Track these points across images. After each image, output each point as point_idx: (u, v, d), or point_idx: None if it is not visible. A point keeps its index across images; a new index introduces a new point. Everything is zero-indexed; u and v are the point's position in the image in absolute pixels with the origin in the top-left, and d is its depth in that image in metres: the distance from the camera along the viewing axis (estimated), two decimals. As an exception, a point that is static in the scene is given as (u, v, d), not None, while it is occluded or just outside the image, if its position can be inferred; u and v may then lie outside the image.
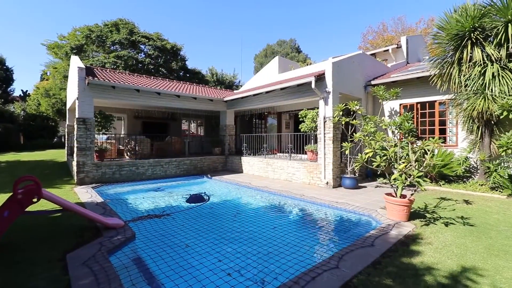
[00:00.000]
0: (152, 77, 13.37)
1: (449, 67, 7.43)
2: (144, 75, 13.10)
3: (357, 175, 8.38)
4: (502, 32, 6.49)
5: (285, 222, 5.19)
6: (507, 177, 6.40)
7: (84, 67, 8.79)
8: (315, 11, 61.31)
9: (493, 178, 6.55)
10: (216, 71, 32.82)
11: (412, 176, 4.28)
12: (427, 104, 8.86)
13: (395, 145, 4.84)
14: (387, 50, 13.76)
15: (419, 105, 9.04)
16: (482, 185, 6.93)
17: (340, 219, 5.34)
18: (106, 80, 8.99)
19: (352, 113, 8.35)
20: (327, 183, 7.89)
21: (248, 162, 11.11)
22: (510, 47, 6.52)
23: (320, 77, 8.18)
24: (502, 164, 6.75)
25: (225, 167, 12.30)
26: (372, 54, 14.33)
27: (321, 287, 2.67)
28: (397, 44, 13.44)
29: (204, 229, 4.68)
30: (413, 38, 13.99)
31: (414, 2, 45.16)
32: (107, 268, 3.09)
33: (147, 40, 23.98)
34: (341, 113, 7.65)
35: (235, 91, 14.92)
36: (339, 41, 60.61)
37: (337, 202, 6.01)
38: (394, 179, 4.52)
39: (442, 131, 8.62)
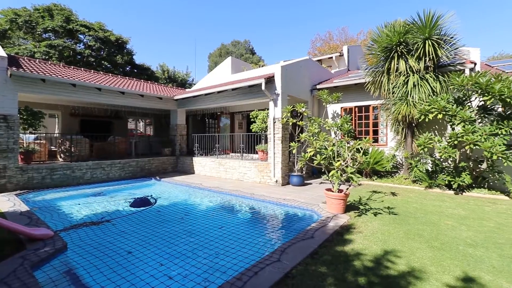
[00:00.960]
0: (92, 71, 12.18)
1: (380, 75, 8.41)
2: (82, 68, 11.85)
3: (304, 173, 8.91)
4: (421, 48, 7.58)
5: (234, 221, 5.26)
6: (424, 171, 7.53)
7: (6, 56, 7.59)
8: (270, 14, 63.05)
9: (414, 172, 7.63)
10: (167, 68, 31.40)
11: (346, 173, 4.75)
12: (363, 108, 9.88)
13: (334, 145, 5.31)
14: (331, 57, 14.93)
15: (356, 109, 10.03)
16: (406, 179, 8.03)
17: (286, 215, 5.63)
18: (34, 71, 7.91)
19: (299, 114, 8.83)
20: (276, 181, 8.22)
21: (200, 163, 10.91)
22: (427, 60, 7.66)
23: (270, 80, 8.48)
24: (421, 160, 7.90)
25: (176, 168, 11.87)
26: (318, 60, 15.36)
27: (262, 281, 2.79)
28: (340, 53, 14.68)
29: (148, 234, 4.47)
30: (353, 48, 15.43)
31: (355, 15, 49.80)
32: (31, 284, 2.76)
33: (87, 30, 21.72)
34: (289, 114, 8.04)
35: (187, 90, 14.49)
36: (292, 45, 63.41)
37: (284, 199, 6.31)
38: (331, 175, 4.95)
39: (376, 132, 9.72)
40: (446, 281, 2.89)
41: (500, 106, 6.59)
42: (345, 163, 5.02)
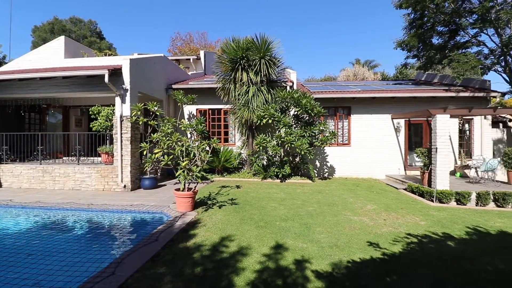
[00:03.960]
0: None
1: (229, 83, 9.47)
2: None
3: (158, 174, 8.58)
4: (258, 64, 9.13)
5: (58, 241, 4.29)
6: (261, 166, 9.17)
7: None
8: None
9: (254, 167, 9.15)
10: (-51, 33, 20.96)
11: (193, 171, 5.02)
12: (216, 110, 10.76)
13: (182, 145, 5.46)
14: (189, 59, 15.23)
15: (210, 111, 10.78)
16: (248, 173, 9.48)
17: (132, 222, 5.22)
18: None
19: (151, 113, 8.40)
20: (124, 186, 7.43)
21: (12, 172, 8.09)
22: (262, 75, 9.31)
23: (116, 72, 7.56)
24: (259, 157, 9.56)
25: (-36, 181, 8.19)
26: (176, 60, 15.23)
27: (87, 301, 2.47)
28: (197, 56, 15.25)
29: None
30: (210, 54, 16.43)
31: (213, 23, 53.20)
32: None
33: None
34: (139, 112, 7.49)
35: (-13, 70, 10.30)
36: (152, 38, 58.82)
37: (132, 205, 5.83)
38: (178, 175, 5.09)
39: (226, 133, 10.84)
40: (264, 251, 3.66)
41: (306, 115, 9.08)
42: (193, 162, 5.28)
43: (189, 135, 10.04)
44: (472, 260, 3.53)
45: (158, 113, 7.85)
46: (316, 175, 10.12)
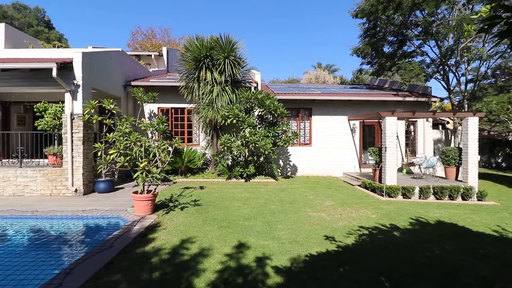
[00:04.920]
0: None
1: (192, 82, 9.26)
2: None
3: (116, 177, 8.08)
4: (222, 64, 9.07)
5: (-5, 253, 3.82)
6: (226, 166, 9.14)
7: None
8: (76, -15, 50.56)
9: (219, 167, 9.08)
10: None
11: (152, 173, 4.83)
12: (179, 109, 10.45)
13: (141, 145, 5.21)
14: (151, 55, 14.55)
15: (173, 110, 10.43)
16: (213, 173, 9.38)
17: (84, 229, 4.84)
18: None
19: (107, 111, 7.87)
20: (76, 190, 6.84)
21: None
22: (226, 75, 9.28)
23: (66, 66, 6.93)
24: (224, 157, 9.52)
25: None
26: (136, 56, 14.45)
27: (27, 318, 2.25)
28: (159, 52, 14.62)
29: None
30: (173, 51, 15.85)
31: (179, 19, 51.46)
32: None
33: None
34: (93, 110, 6.97)
35: None
36: (109, 31, 54.76)
37: (84, 211, 5.41)
38: (136, 176, 4.85)
39: (190, 133, 10.58)
40: (226, 251, 3.67)
41: (270, 116, 9.27)
42: (153, 163, 5.08)
43: (150, 135, 9.60)
44: (414, 248, 3.95)
45: (115, 111, 7.38)
46: (280, 174, 10.39)
